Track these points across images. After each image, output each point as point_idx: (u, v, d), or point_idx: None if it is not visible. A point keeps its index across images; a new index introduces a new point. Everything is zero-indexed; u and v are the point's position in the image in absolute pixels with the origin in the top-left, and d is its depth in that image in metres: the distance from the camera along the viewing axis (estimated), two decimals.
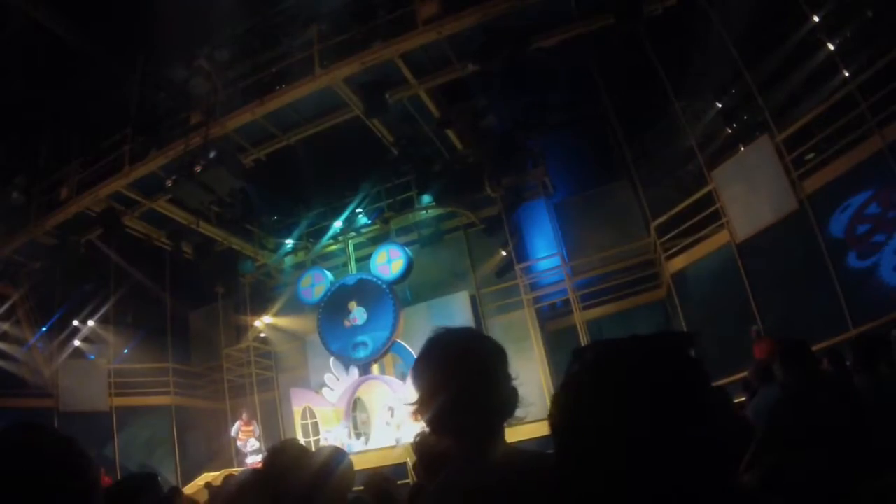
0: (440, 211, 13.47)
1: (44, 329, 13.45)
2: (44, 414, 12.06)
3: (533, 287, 12.52)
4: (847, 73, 8.41)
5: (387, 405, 11.27)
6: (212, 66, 10.27)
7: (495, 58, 8.80)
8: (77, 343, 13.84)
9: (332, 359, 12.23)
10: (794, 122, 8.79)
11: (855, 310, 7.54)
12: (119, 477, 10.42)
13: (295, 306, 13.82)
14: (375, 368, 12.09)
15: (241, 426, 12.07)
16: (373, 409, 11.74)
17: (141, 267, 13.65)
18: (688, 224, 10.32)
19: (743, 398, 5.75)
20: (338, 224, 13.70)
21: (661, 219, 10.84)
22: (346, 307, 12.41)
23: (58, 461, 1.04)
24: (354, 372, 11.96)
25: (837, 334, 7.21)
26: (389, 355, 12.20)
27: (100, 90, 11.35)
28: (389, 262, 12.27)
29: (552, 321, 12.63)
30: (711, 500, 0.79)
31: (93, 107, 11.55)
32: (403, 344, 11.85)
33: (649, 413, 0.79)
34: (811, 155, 8.61)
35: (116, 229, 11.45)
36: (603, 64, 11.95)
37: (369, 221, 13.68)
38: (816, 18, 8.92)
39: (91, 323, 14.07)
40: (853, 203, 7.73)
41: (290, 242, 14.28)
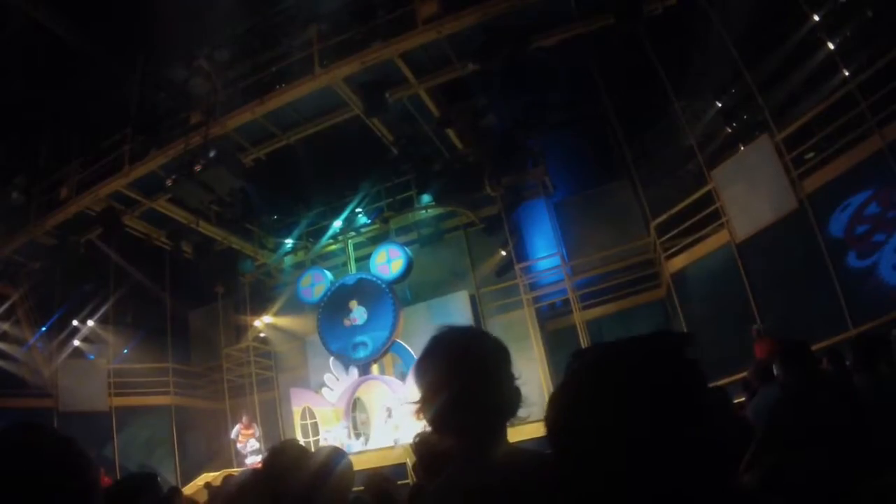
0: (440, 210, 13.47)
1: (43, 329, 13.44)
2: (43, 414, 12.06)
3: (533, 287, 12.51)
4: (847, 73, 8.41)
5: (386, 405, 11.26)
6: (212, 66, 10.26)
7: (495, 57, 8.80)
8: (77, 343, 13.84)
9: (332, 359, 12.23)
10: (793, 121, 8.78)
11: (855, 309, 7.54)
12: (119, 477, 10.42)
13: (295, 306, 13.81)
14: (375, 368, 12.09)
15: (241, 429, 12.03)
16: (372, 410, 11.73)
17: (141, 267, 13.64)
18: (688, 224, 10.32)
19: (743, 398, 5.75)
20: (337, 224, 13.70)
21: (661, 218, 10.83)
22: (347, 306, 12.40)
23: (57, 461, 1.04)
24: (354, 372, 11.96)
25: (837, 334, 7.21)
26: (389, 355, 12.19)
27: (100, 90, 11.34)
28: (389, 261, 12.26)
29: (552, 321, 12.63)
30: (711, 501, 0.80)
31: (93, 107, 11.54)
32: (403, 344, 11.85)
33: (649, 414, 0.79)
34: (811, 154, 8.61)
35: (116, 229, 11.44)
36: (603, 64, 11.94)
37: (369, 221, 13.68)
38: (816, 18, 8.92)
39: (91, 323, 14.07)
40: (853, 202, 7.73)
41: (289, 242, 14.28)
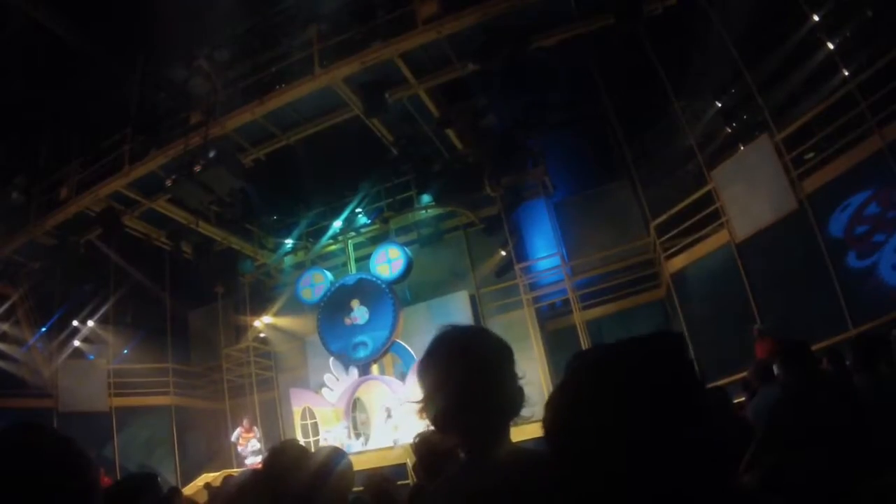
0: (440, 211, 13.47)
1: (43, 329, 13.44)
2: (43, 414, 12.05)
3: (532, 287, 12.51)
4: (847, 73, 8.41)
5: (386, 405, 11.26)
6: (212, 66, 10.26)
7: (495, 57, 8.80)
8: (76, 343, 13.83)
9: (332, 359, 12.23)
10: (793, 121, 8.78)
11: (855, 309, 7.54)
12: (118, 477, 10.42)
13: (294, 306, 13.80)
14: (375, 369, 12.09)
15: (241, 432, 11.98)
16: (372, 410, 11.73)
17: (140, 267, 13.64)
18: (687, 224, 10.32)
19: (743, 398, 5.75)
20: (337, 224, 13.70)
21: (661, 218, 10.83)
22: (349, 305, 12.39)
23: (57, 461, 1.04)
24: (354, 372, 11.95)
25: (837, 334, 7.21)
26: (389, 355, 12.19)
27: (100, 90, 11.34)
28: (389, 261, 12.27)
29: (552, 321, 12.63)
30: (711, 501, 0.80)
31: (93, 107, 11.54)
32: (403, 344, 11.85)
33: (649, 414, 0.79)
34: (811, 154, 8.61)
35: (116, 229, 11.44)
36: (603, 64, 11.95)
37: (369, 221, 13.68)
38: (816, 18, 8.92)
39: (90, 323, 14.07)
40: (853, 203, 7.73)
41: (289, 242, 14.28)
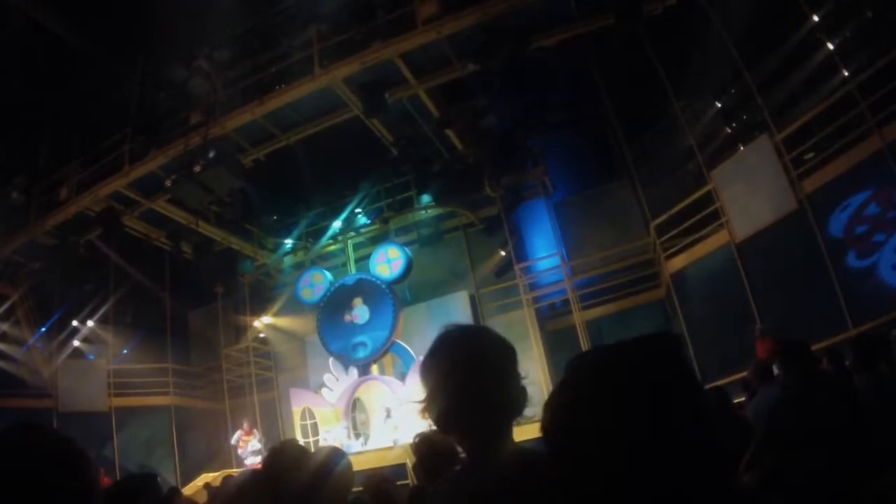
0: (439, 211, 13.47)
1: (43, 329, 13.44)
2: (43, 414, 12.06)
3: (532, 287, 12.51)
4: (847, 73, 8.41)
5: (385, 406, 11.26)
6: (211, 66, 10.26)
7: (495, 57, 8.80)
8: (76, 343, 13.83)
9: (332, 359, 12.23)
10: (793, 121, 8.78)
11: (854, 309, 7.54)
12: (118, 477, 10.41)
13: (294, 306, 13.80)
14: (375, 369, 12.08)
15: (241, 435, 11.98)
16: (372, 410, 11.73)
17: (140, 267, 13.64)
18: (687, 224, 10.32)
19: (743, 398, 5.75)
20: (337, 224, 13.69)
21: (661, 218, 10.84)
22: (350, 303, 12.38)
23: (57, 461, 1.04)
24: (354, 372, 11.95)
25: (837, 334, 7.21)
26: (389, 355, 12.19)
27: (100, 90, 11.34)
28: (389, 261, 12.26)
29: (551, 321, 12.62)
30: (711, 501, 0.79)
31: (93, 107, 11.54)
32: (403, 344, 11.85)
33: (649, 415, 0.79)
34: (811, 154, 8.61)
35: (116, 229, 11.44)
36: (603, 64, 11.95)
37: (369, 221, 13.67)
38: (816, 18, 8.93)
39: (90, 323, 14.06)
40: (852, 203, 7.73)
41: (289, 242, 14.27)
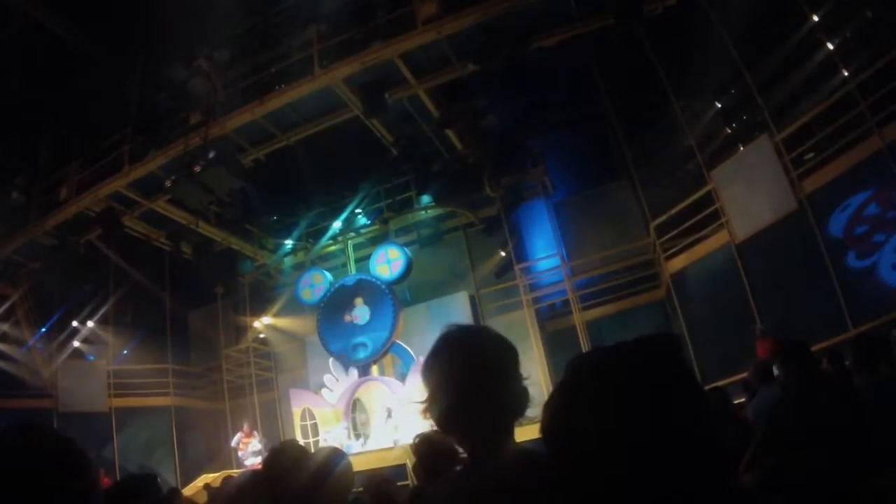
0: (439, 211, 13.46)
1: (43, 330, 13.44)
2: (43, 415, 12.06)
3: (532, 287, 12.50)
4: (846, 73, 8.41)
5: (385, 406, 11.26)
6: (211, 67, 10.26)
7: (495, 57, 8.79)
8: (76, 344, 13.83)
9: (332, 360, 12.23)
10: (793, 121, 8.79)
11: (854, 309, 7.54)
12: (118, 478, 10.41)
13: (294, 307, 13.80)
14: (375, 369, 12.09)
15: (242, 437, 11.96)
16: (372, 410, 11.73)
17: (140, 267, 13.64)
18: (687, 224, 10.32)
19: (743, 398, 5.75)
20: (337, 224, 13.69)
21: (661, 219, 10.84)
22: (352, 303, 12.37)
23: (57, 462, 1.04)
24: (354, 373, 11.95)
25: (837, 334, 7.21)
26: (389, 356, 12.19)
27: (100, 90, 11.33)
28: (389, 262, 12.26)
29: (551, 321, 12.62)
30: (711, 501, 0.79)
31: (93, 107, 11.54)
32: (403, 345, 11.85)
33: (649, 416, 0.79)
34: (811, 154, 8.61)
35: (116, 229, 11.43)
36: (603, 64, 11.95)
37: (368, 222, 13.67)
38: (816, 18, 8.92)
39: (90, 323, 14.06)
40: (852, 203, 7.73)
41: (289, 243, 14.27)
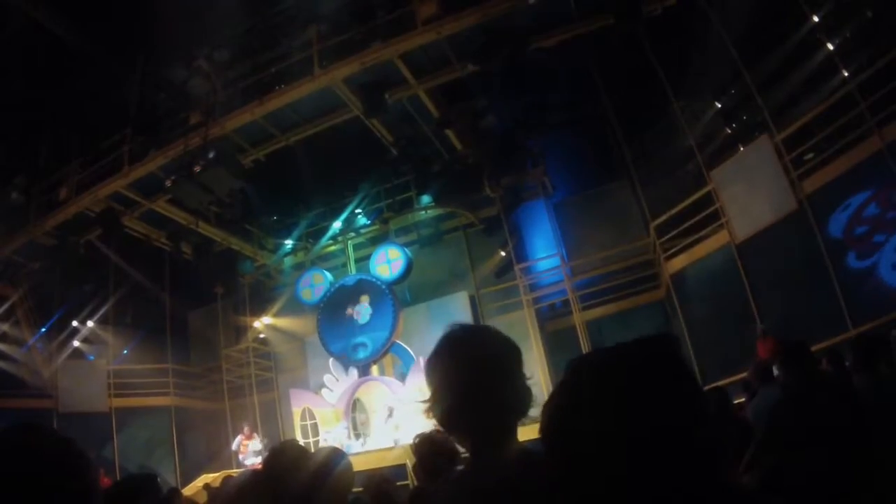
0: (439, 211, 13.46)
1: (43, 330, 13.44)
2: (43, 415, 12.06)
3: (532, 287, 12.50)
4: (846, 73, 8.41)
5: (386, 406, 11.26)
6: (211, 67, 10.26)
7: (495, 58, 8.80)
8: (76, 344, 13.83)
9: (332, 360, 12.22)
10: (793, 121, 8.79)
11: (854, 310, 7.55)
12: (118, 478, 10.41)
13: (294, 307, 13.80)
14: (375, 369, 12.09)
15: (242, 439, 11.96)
16: (372, 410, 11.73)
17: (140, 267, 13.64)
18: (687, 224, 10.32)
19: (743, 398, 5.75)
20: (337, 224, 13.69)
21: (661, 219, 10.84)
22: (357, 299, 12.34)
23: (57, 462, 1.04)
24: (354, 373, 11.95)
25: (837, 334, 7.22)
26: (389, 356, 12.19)
27: (100, 90, 11.33)
28: (389, 262, 12.26)
29: (552, 321, 12.62)
30: (711, 501, 0.79)
31: (93, 107, 11.54)
32: (403, 345, 11.84)
33: (649, 416, 0.79)
34: (811, 155, 8.61)
35: (116, 230, 11.43)
36: (603, 64, 11.94)
37: (368, 222, 13.67)
38: (816, 18, 8.93)
39: (90, 323, 14.06)
40: (852, 203, 7.74)
41: (289, 243, 14.27)
